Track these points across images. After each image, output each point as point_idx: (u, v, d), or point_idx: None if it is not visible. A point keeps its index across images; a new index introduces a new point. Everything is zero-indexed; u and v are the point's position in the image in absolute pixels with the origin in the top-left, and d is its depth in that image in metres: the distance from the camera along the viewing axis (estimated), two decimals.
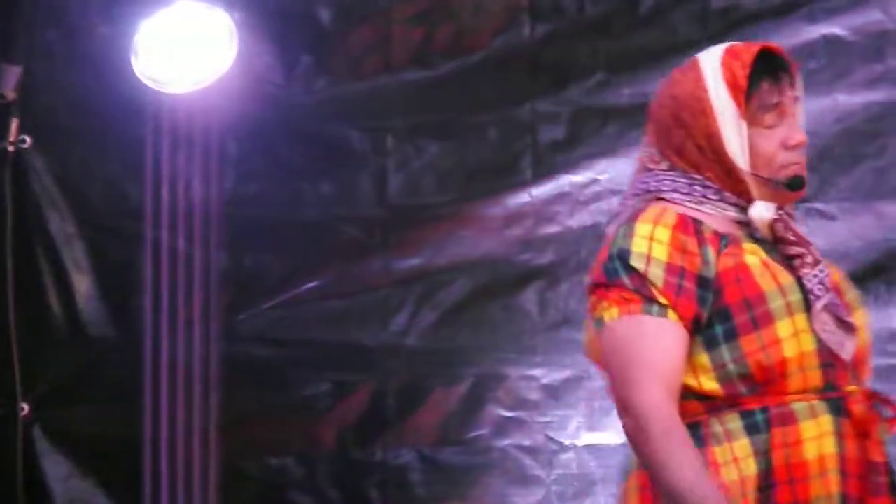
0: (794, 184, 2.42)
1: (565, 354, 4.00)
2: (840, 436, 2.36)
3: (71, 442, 4.09)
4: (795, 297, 2.38)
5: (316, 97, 4.13)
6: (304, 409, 4.11)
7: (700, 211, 2.43)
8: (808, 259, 2.44)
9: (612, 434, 3.95)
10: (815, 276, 2.41)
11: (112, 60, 3.97)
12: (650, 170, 2.48)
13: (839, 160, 3.93)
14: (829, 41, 3.92)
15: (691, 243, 2.38)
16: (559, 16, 4.03)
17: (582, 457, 3.96)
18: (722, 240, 2.40)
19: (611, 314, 2.37)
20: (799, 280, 2.41)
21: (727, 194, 2.44)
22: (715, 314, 2.36)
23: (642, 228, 2.38)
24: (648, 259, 2.36)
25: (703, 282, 2.36)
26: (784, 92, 2.44)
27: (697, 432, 2.35)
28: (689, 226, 2.39)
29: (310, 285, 4.13)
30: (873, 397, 2.39)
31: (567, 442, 3.97)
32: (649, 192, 2.46)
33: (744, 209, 2.44)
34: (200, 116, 3.98)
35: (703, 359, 2.37)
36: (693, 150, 2.44)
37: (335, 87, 4.12)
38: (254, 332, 4.12)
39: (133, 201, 4.08)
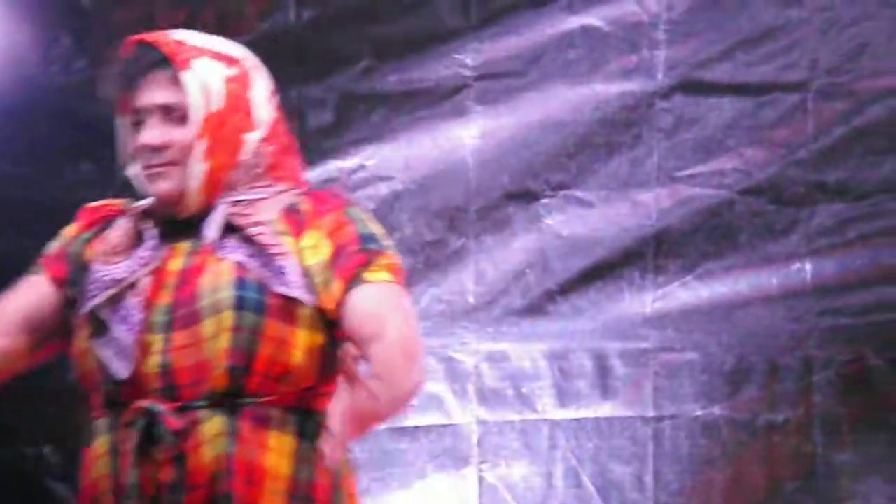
0: (125, 186, 2.44)
1: None
2: (116, 455, 2.30)
3: None
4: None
5: (76, 78, 4.05)
6: (67, 397, 4.03)
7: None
8: (107, 270, 2.37)
9: None
10: (90, 279, 2.37)
11: None
12: None
13: (596, 149, 4.01)
14: (587, 31, 4.00)
15: (79, 226, 2.50)
16: (324, 1, 4.03)
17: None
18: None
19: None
20: None
21: None
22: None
23: None
24: (59, 236, 2.53)
25: (68, 257, 2.48)
26: (141, 91, 2.39)
27: None
28: (99, 211, 2.50)
29: None
30: (148, 414, 2.30)
31: None
32: None
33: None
34: None
35: None
36: None
37: (96, 68, 4.05)
38: None
39: None
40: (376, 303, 2.34)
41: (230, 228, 2.35)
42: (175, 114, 2.37)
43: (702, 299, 3.95)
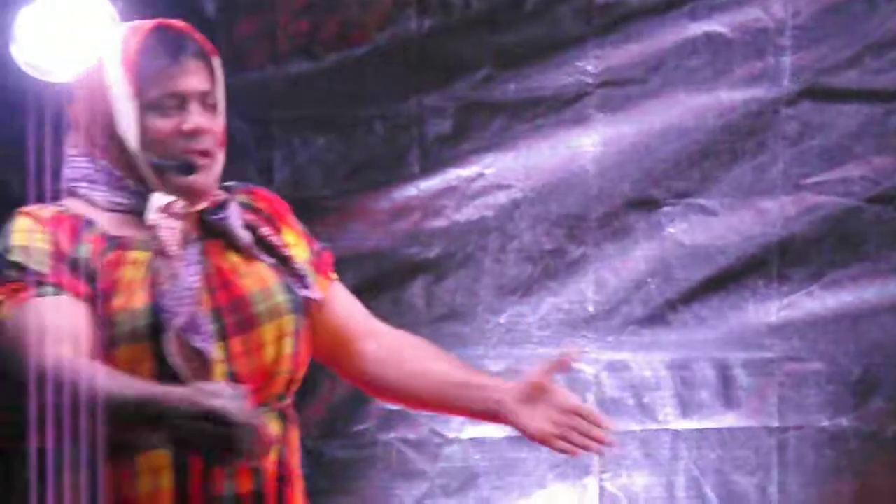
0: (183, 167, 2.31)
1: (451, 348, 3.98)
2: (181, 468, 2.23)
3: None
4: (141, 322, 2.24)
5: None
6: None
7: (99, 207, 2.33)
8: (169, 272, 2.26)
9: (496, 427, 3.98)
10: (176, 287, 2.25)
11: None
12: (71, 156, 2.41)
13: (720, 156, 3.98)
14: (711, 38, 3.97)
15: (63, 237, 2.28)
16: (446, 10, 4.04)
17: (466, 450, 3.98)
18: (108, 243, 2.31)
19: (5, 311, 2.27)
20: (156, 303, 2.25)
21: (129, 182, 2.33)
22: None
23: (19, 223, 2.32)
24: (28, 251, 2.28)
25: (83, 267, 2.27)
26: (185, 75, 2.34)
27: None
28: (64, 221, 2.30)
29: None
30: None
31: (451, 435, 3.99)
32: (66, 184, 2.38)
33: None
34: None
35: None
36: (95, 132, 2.35)
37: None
38: None
39: (15, 191, 4.02)
40: (352, 300, 2.47)
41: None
42: (208, 101, 2.36)
43: (828, 308, 3.91)
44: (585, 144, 4.01)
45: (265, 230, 2.36)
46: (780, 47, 3.94)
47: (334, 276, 2.48)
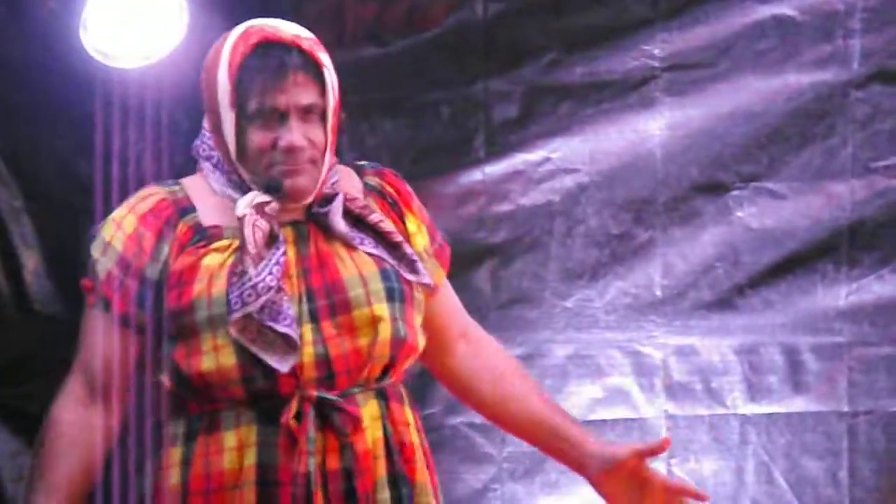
0: (270, 187, 2.32)
1: (518, 332, 4.02)
2: (268, 446, 2.28)
3: (19, 419, 4.08)
4: (220, 309, 2.29)
5: None
6: None
7: (209, 193, 2.37)
8: (241, 267, 2.29)
9: None
10: (244, 283, 2.28)
11: (60, 34, 3.93)
12: (204, 131, 2.42)
13: (789, 140, 3.96)
14: (780, 21, 3.95)
15: (148, 238, 2.34)
16: None
17: None
18: (196, 235, 2.34)
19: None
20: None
21: (235, 177, 2.36)
22: (166, 315, 2.32)
23: (118, 212, 2.38)
24: (105, 248, 2.36)
25: (144, 280, 2.33)
26: (286, 90, 2.32)
27: (167, 431, 2.36)
28: (159, 216, 2.35)
29: None
30: (325, 405, 2.29)
31: None
32: (197, 152, 2.41)
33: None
34: (151, 91, 3.96)
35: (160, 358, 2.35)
36: (211, 121, 2.38)
37: None
38: None
39: (82, 177, 4.05)
40: (455, 300, 2.50)
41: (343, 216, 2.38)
42: (313, 113, 2.36)
43: None
44: (652, 128, 3.99)
45: (376, 217, 2.38)
46: (849, 30, 3.90)
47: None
